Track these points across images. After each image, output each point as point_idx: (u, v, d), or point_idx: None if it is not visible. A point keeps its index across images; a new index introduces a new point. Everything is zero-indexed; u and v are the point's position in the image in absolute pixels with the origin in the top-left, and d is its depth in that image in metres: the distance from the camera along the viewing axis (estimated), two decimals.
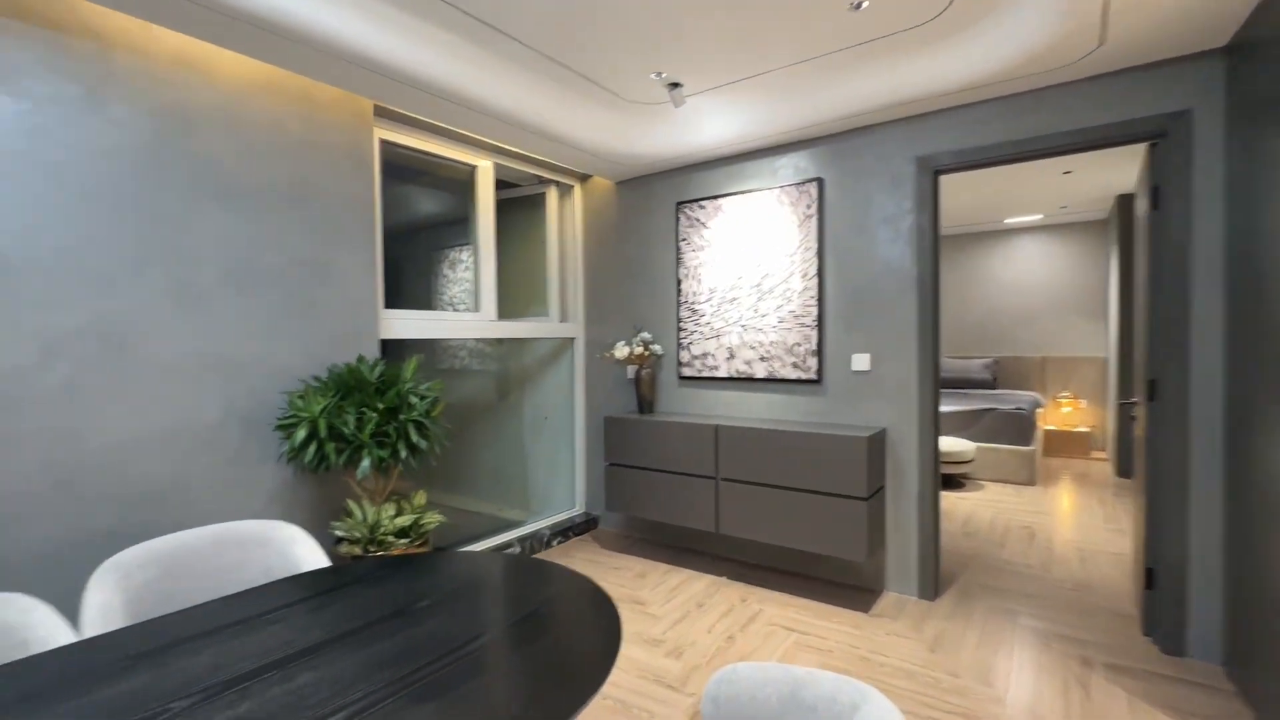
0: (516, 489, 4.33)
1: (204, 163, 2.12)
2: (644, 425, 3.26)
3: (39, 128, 1.78)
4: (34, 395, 1.78)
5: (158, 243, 2.01)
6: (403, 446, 2.15)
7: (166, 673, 1.00)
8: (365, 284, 2.62)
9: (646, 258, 3.64)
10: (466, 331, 3.20)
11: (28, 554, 1.77)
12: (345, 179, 2.54)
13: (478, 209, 3.32)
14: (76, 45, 1.85)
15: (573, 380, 3.96)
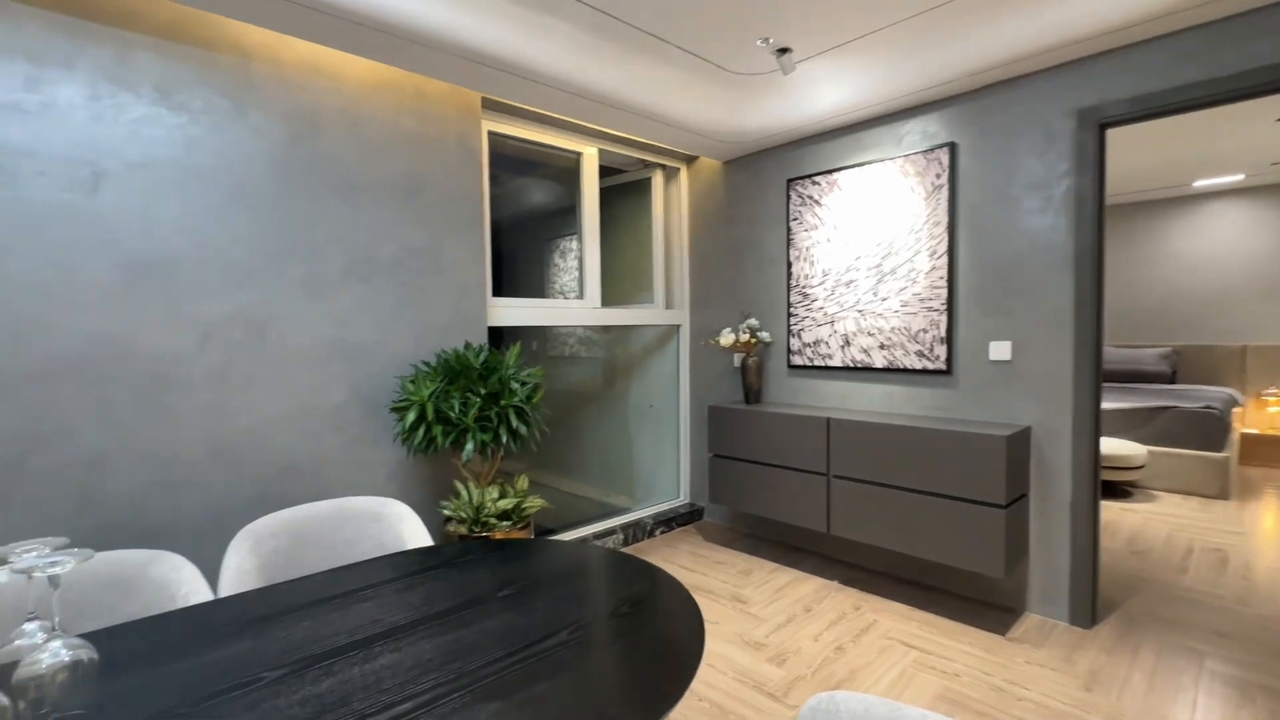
0: (622, 476, 4.35)
1: (329, 162, 2.28)
2: (750, 416, 3.11)
3: (194, 138, 1.99)
4: (193, 376, 2.01)
5: (291, 237, 2.19)
6: (504, 431, 2.19)
7: (268, 641, 1.06)
8: (474, 273, 2.70)
9: (755, 240, 3.45)
10: (570, 319, 3.22)
11: (189, 516, 2.01)
12: (455, 171, 2.63)
13: (582, 196, 3.32)
14: (223, 60, 2.04)
15: (678, 368, 3.88)
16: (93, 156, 1.82)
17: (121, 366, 1.88)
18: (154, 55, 1.92)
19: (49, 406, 1.77)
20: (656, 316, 3.71)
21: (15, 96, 1.71)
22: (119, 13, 1.85)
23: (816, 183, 3.13)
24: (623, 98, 2.64)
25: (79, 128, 1.80)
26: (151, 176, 1.92)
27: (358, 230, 2.35)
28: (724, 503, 3.26)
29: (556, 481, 4.84)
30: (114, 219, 1.86)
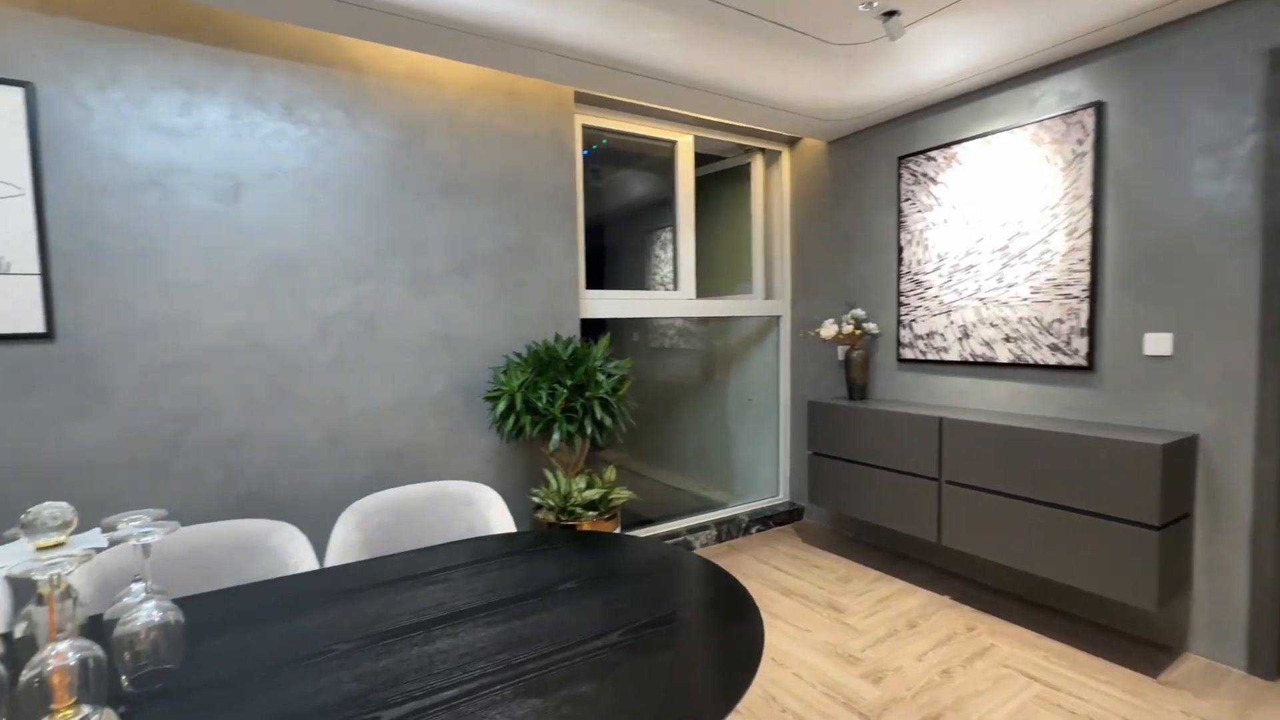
0: (719, 471, 4.26)
1: (432, 164, 2.41)
2: (853, 413, 2.90)
3: (315, 148, 2.19)
4: (314, 365, 2.21)
5: (398, 236, 2.35)
6: (589, 422, 2.20)
7: (346, 614, 1.13)
8: (567, 266, 2.75)
9: (862, 224, 3.21)
10: (663, 310, 3.19)
11: (312, 491, 2.22)
12: (548, 167, 2.68)
13: (677, 184, 3.27)
14: (339, 75, 2.22)
15: (778, 361, 3.72)
16: (233, 169, 2.05)
17: (256, 356, 2.11)
18: (282, 76, 2.12)
19: (199, 392, 2.03)
20: (755, 308, 3.58)
21: (174, 121, 1.97)
22: (254, 39, 2.07)
23: (932, 158, 2.84)
24: (717, 82, 2.55)
25: (222, 145, 2.04)
26: (280, 186, 2.13)
27: (458, 227, 2.47)
28: (823, 504, 3.09)
29: (655, 473, 4.86)
30: (250, 225, 2.09)
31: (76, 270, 1.85)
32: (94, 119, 1.86)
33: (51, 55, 1.80)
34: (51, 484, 1.84)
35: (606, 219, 5.46)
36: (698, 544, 3.24)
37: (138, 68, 1.91)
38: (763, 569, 2.94)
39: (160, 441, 1.98)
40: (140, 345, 1.94)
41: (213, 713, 0.83)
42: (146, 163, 1.93)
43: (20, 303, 1.78)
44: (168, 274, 1.97)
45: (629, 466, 5.16)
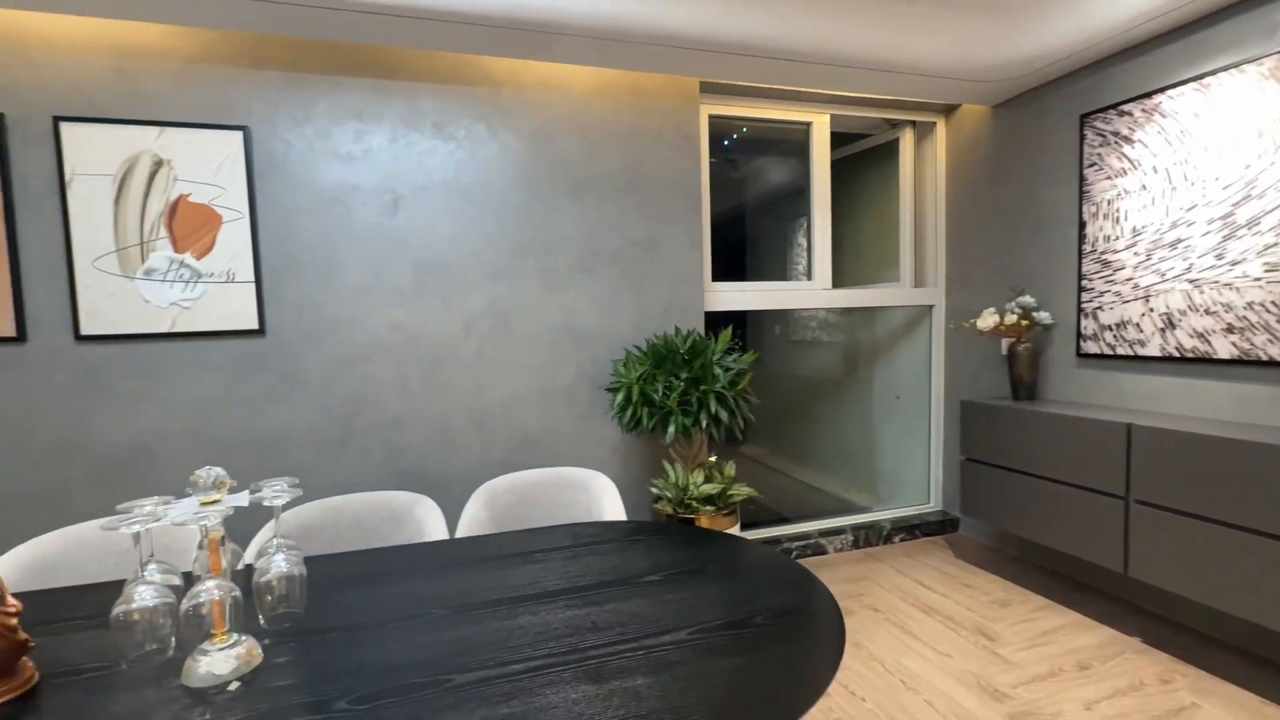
0: (862, 472, 3.99)
1: (560, 166, 2.54)
2: (1016, 415, 2.54)
3: (460, 161, 2.42)
4: (459, 358, 2.46)
5: (529, 238, 2.52)
6: (704, 416, 2.18)
7: (452, 582, 1.24)
8: (691, 259, 2.74)
9: (1032, 198, 2.78)
10: (795, 302, 3.04)
11: (458, 470, 2.48)
12: (671, 160, 2.69)
13: (812, 168, 3.09)
14: (480, 92, 2.43)
15: (930, 355, 3.37)
16: (393, 185, 2.35)
17: (412, 349, 2.40)
18: (433, 99, 2.37)
19: (367, 380, 2.36)
20: (901, 297, 3.27)
21: (349, 147, 2.30)
22: (409, 69, 2.34)
23: (1125, 113, 2.36)
24: (855, 54, 2.36)
25: (384, 165, 2.34)
26: (430, 197, 2.39)
27: (583, 225, 2.58)
28: (976, 515, 2.75)
29: (794, 470, 4.68)
30: (406, 234, 2.37)
31: (279, 278, 2.24)
32: (292, 152, 2.24)
33: (261, 102, 2.20)
34: (264, 452, 2.27)
35: (747, 209, 5.35)
36: (831, 548, 3.06)
37: (322, 105, 2.26)
38: (903, 582, 2.70)
39: (339, 421, 2.34)
40: (325, 340, 2.30)
41: (326, 651, 0.97)
42: (330, 185, 2.28)
43: (241, 306, 2.20)
44: (345, 279, 2.31)
45: (767, 462, 5.03)
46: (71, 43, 2.03)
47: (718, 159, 4.83)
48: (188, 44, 2.13)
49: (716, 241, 2.95)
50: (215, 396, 2.21)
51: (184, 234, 2.14)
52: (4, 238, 1.99)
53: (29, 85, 2.00)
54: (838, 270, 4.09)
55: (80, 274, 2.06)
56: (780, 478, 4.80)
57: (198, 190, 2.15)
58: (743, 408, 2.28)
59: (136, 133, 2.08)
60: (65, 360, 2.07)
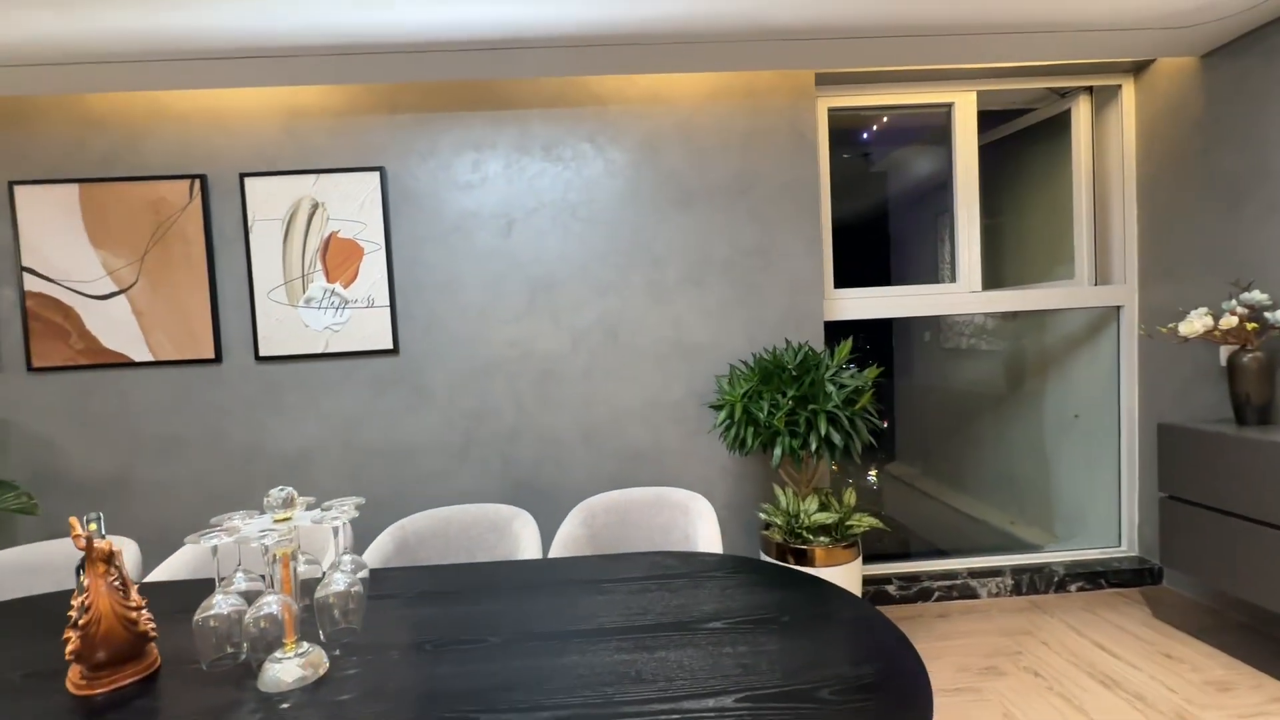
0: (1033, 503, 3.41)
1: (667, 177, 2.49)
2: (1236, 445, 1.99)
3: (568, 181, 2.47)
4: (569, 372, 2.50)
5: (636, 251, 2.50)
6: (814, 437, 1.99)
7: (516, 607, 1.23)
8: (808, 265, 2.53)
9: (1261, 166, 2.18)
10: (935, 308, 2.69)
11: (568, 483, 2.52)
12: (785, 161, 2.51)
13: (955, 154, 2.72)
14: (585, 112, 2.47)
15: (1118, 366, 2.79)
16: (506, 210, 2.46)
17: (525, 365, 2.49)
18: (541, 123, 2.46)
19: (485, 394, 2.49)
20: (1077, 297, 2.74)
21: (468, 177, 2.46)
22: (519, 97, 2.45)
23: None
24: (1005, 14, 2.02)
25: (499, 190, 2.46)
26: (540, 218, 2.47)
27: (691, 236, 2.50)
28: (1180, 568, 2.19)
29: (948, 496, 4.14)
30: (519, 254, 2.47)
31: (409, 301, 2.46)
32: (420, 185, 2.45)
33: (395, 143, 2.44)
34: (399, 461, 2.49)
35: (890, 206, 4.89)
36: (984, 592, 2.64)
37: (445, 140, 2.44)
38: (1077, 643, 2.23)
39: (461, 433, 2.49)
40: (449, 357, 2.48)
41: (380, 670, 1.00)
42: (451, 213, 2.46)
43: (379, 327, 2.45)
44: (466, 300, 2.47)
45: (916, 484, 4.52)
46: (252, 109, 2.40)
47: (852, 154, 4.49)
48: (339, 100, 2.42)
49: (855, 244, 2.71)
50: (359, 409, 2.47)
51: (334, 266, 2.43)
52: (207, 277, 2.41)
53: (223, 149, 2.40)
54: (997, 268, 3.57)
55: (259, 304, 2.42)
56: (930, 503, 4.29)
57: (345, 226, 2.43)
58: (860, 429, 2.04)
59: (299, 181, 2.41)
60: (250, 377, 2.45)
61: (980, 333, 3.90)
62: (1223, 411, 2.32)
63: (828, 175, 2.63)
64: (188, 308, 2.41)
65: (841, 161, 4.75)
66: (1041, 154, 3.11)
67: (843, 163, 4.76)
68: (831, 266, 2.65)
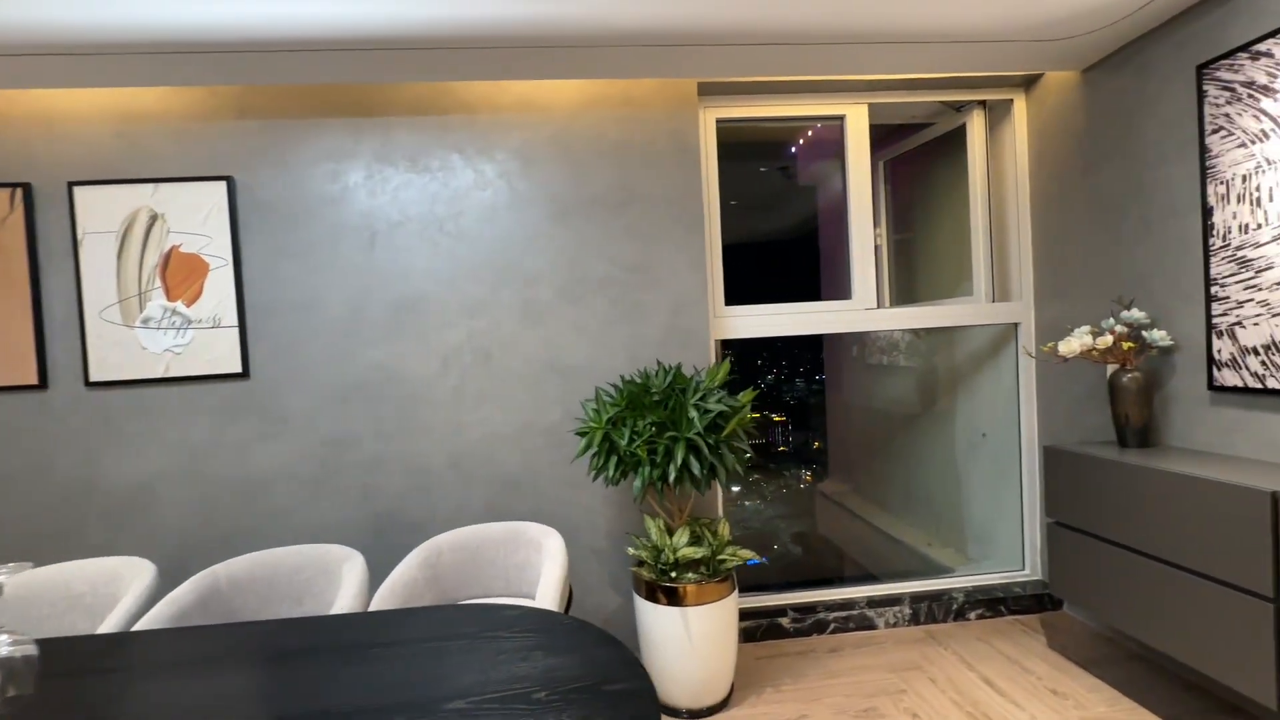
0: (949, 523, 3.34)
1: (541, 190, 2.36)
2: (1115, 470, 1.91)
3: (435, 193, 2.32)
4: (437, 396, 2.34)
5: (509, 268, 2.35)
6: (672, 467, 1.85)
7: (276, 678, 1.06)
8: (693, 282, 2.42)
9: (1136, 183, 2.14)
10: (831, 325, 2.59)
11: (436, 514, 2.34)
12: (668, 174, 2.40)
13: (847, 168, 2.64)
14: (454, 120, 2.32)
15: (1018, 384, 2.73)
16: (369, 223, 2.30)
17: (389, 388, 2.32)
18: (406, 132, 2.31)
19: (346, 421, 2.30)
20: (973, 315, 2.68)
21: (327, 189, 2.29)
22: (382, 103, 2.30)
23: (1263, 53, 1.71)
24: (889, 23, 1.94)
25: (360, 202, 2.30)
26: (405, 232, 2.31)
27: (567, 251, 2.37)
28: (1070, 598, 2.11)
29: (872, 513, 4.06)
30: (384, 270, 2.31)
31: (261, 321, 2.27)
32: (273, 196, 2.27)
33: (244, 151, 2.26)
34: (251, 494, 2.28)
35: (821, 220, 4.85)
36: (881, 623, 2.52)
37: (301, 148, 2.28)
38: (964, 679, 2.13)
39: (319, 463, 2.30)
40: (306, 382, 2.29)
41: None
42: (310, 227, 2.28)
43: (227, 350, 2.25)
44: (325, 318, 2.29)
45: (845, 502, 4.44)
46: (81, 113, 2.20)
47: (770, 167, 4.43)
48: (180, 103, 2.24)
49: (782, 260, 2.61)
50: (206, 438, 2.27)
51: (175, 283, 2.23)
52: (30, 296, 2.19)
53: (49, 155, 2.19)
54: (910, 284, 3.52)
55: (90, 324, 2.21)
56: (854, 523, 4.20)
57: (187, 240, 2.23)
58: (726, 458, 1.91)
59: (135, 191, 2.21)
60: (80, 405, 2.22)
61: (895, 349, 3.85)
62: (1111, 433, 2.26)
63: (716, 189, 2.53)
64: (7, 328, 2.18)
65: (765, 175, 4.71)
66: (946, 168, 3.07)
67: (767, 177, 4.72)
68: (721, 283, 2.54)
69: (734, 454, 1.93)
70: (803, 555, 5.21)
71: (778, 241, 6.72)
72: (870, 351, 4.24)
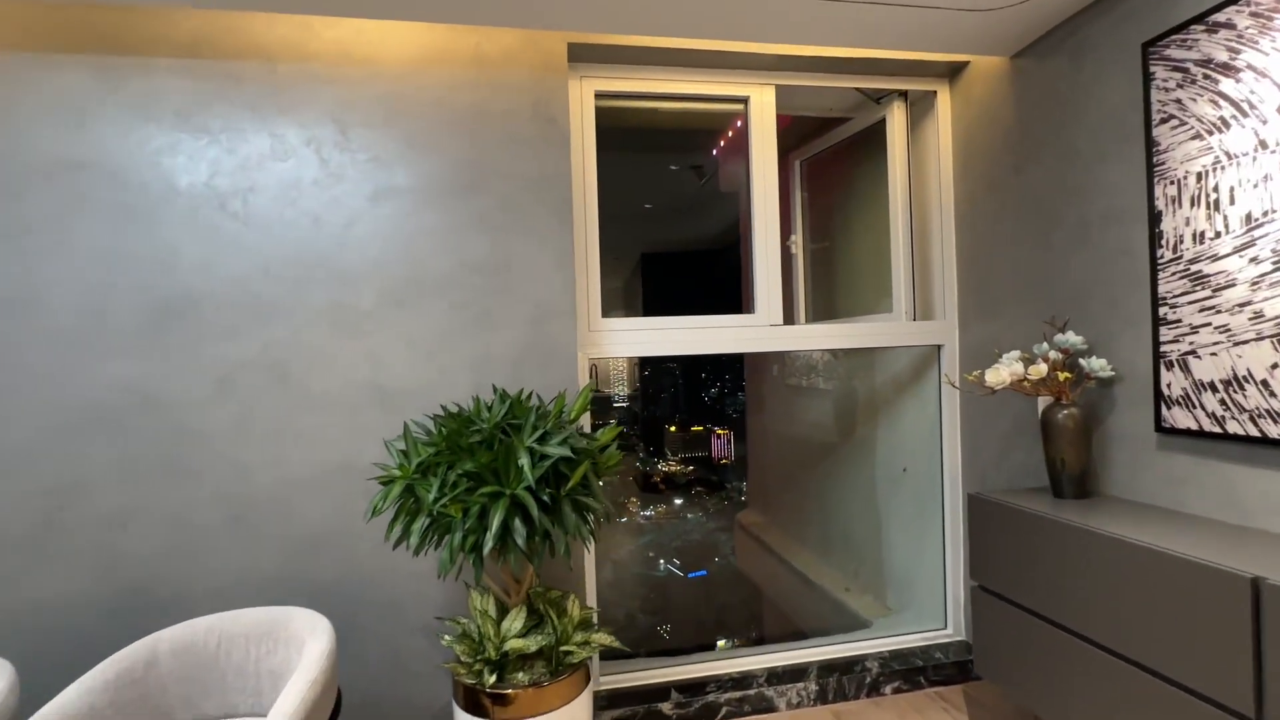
0: (869, 565, 2.98)
1: (362, 164, 1.84)
2: (1049, 528, 1.55)
3: (215, 161, 1.77)
4: (212, 427, 1.77)
5: (318, 262, 1.82)
6: (490, 537, 1.36)
7: None
8: (559, 285, 1.95)
9: (1072, 184, 1.82)
10: (727, 344, 2.18)
11: (206, 586, 1.76)
12: (530, 153, 1.94)
13: (751, 162, 2.25)
14: (247, 69, 1.78)
15: (941, 415, 2.39)
16: (121, 196, 1.72)
17: (143, 416, 1.73)
18: (178, 78, 1.75)
19: (79, 460, 1.70)
20: (890, 334, 2.33)
21: (61, 150, 1.70)
22: (147, 40, 1.73)
23: (1225, 24, 1.41)
24: None
25: (109, 168, 1.72)
26: (172, 210, 1.75)
27: (396, 243, 1.86)
28: (992, 675, 1.75)
29: (790, 550, 3.68)
30: (140, 258, 1.73)
31: None
32: None
33: None
34: None
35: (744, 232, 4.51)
36: (783, 703, 2.10)
37: (31, 93, 1.68)
38: None
39: (38, 517, 1.68)
40: (17, 406, 1.67)
41: None
42: (33, 199, 1.68)
43: None
44: (49, 322, 1.69)
45: (763, 537, 4.05)
46: None
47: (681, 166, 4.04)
48: None
49: (704, 272, 2.19)
50: None
51: None
52: None
53: None
54: (829, 299, 3.18)
55: None
56: (770, 561, 3.82)
57: None
58: (567, 519, 1.43)
59: None
60: None
61: (813, 371, 3.51)
62: (1043, 475, 1.93)
63: (593, 176, 2.09)
64: None
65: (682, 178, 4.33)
66: (866, 169, 2.74)
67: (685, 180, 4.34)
68: (598, 289, 2.08)
69: (579, 514, 1.46)
70: (714, 601, 4.84)
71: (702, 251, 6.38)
72: (790, 371, 3.89)
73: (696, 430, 12.42)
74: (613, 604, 3.91)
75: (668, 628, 4.68)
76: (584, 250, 2.06)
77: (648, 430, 12.21)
